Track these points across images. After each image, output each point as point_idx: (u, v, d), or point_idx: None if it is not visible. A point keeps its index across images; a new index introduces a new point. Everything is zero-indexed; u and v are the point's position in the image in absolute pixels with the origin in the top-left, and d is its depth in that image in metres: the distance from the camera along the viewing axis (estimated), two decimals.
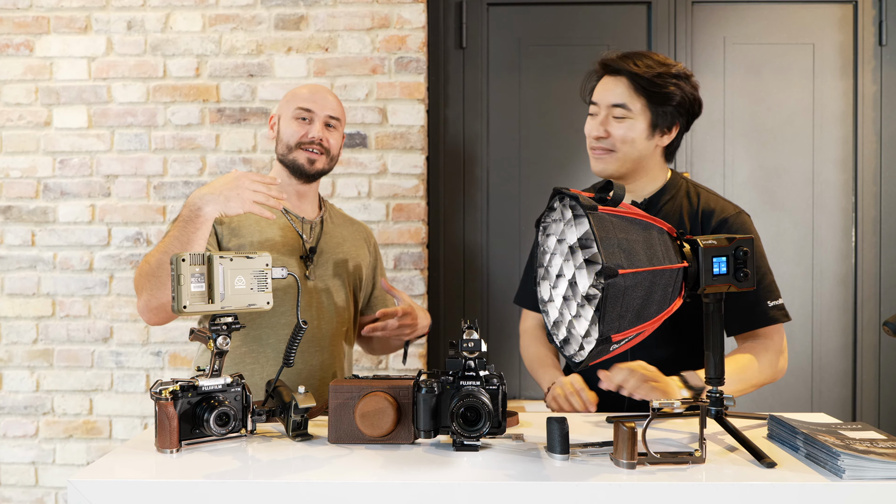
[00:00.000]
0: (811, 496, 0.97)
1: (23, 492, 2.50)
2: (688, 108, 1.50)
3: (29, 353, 2.50)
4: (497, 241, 2.60)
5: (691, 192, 1.55)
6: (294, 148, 1.67)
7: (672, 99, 1.47)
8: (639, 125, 1.47)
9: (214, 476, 1.01)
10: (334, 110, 1.70)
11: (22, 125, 2.51)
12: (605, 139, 1.49)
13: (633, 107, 1.47)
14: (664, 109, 1.47)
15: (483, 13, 2.60)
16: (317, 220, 1.73)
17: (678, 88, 1.46)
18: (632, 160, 1.50)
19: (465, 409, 1.10)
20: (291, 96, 1.71)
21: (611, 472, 1.02)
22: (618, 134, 1.48)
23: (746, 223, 1.50)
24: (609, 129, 1.48)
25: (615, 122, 1.48)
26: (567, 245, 1.14)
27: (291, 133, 1.67)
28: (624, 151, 1.48)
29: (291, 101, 1.69)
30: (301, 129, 1.67)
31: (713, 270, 1.14)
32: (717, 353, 1.20)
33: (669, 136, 1.51)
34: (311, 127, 1.67)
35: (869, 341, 2.56)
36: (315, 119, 1.67)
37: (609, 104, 1.49)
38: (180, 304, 1.14)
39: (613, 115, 1.48)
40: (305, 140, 1.66)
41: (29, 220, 2.51)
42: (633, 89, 1.47)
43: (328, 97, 1.70)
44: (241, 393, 1.21)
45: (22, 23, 2.50)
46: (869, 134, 2.55)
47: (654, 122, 1.48)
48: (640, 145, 1.48)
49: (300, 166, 1.67)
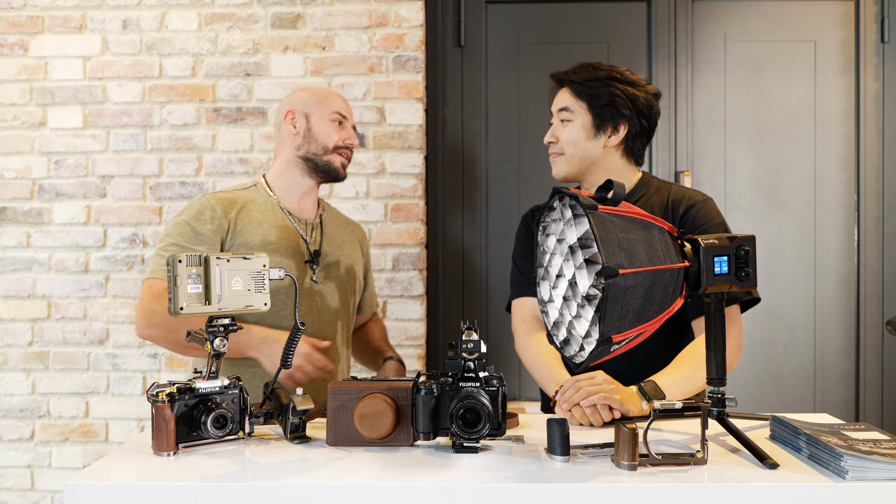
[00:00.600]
0: (814, 497, 0.96)
1: (18, 496, 2.49)
2: (630, 108, 1.57)
3: (24, 356, 2.49)
4: (496, 241, 2.59)
5: (662, 188, 1.63)
6: (331, 150, 1.67)
7: (611, 99, 1.56)
8: (580, 126, 1.58)
9: (212, 479, 1.01)
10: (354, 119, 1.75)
11: (16, 125, 2.50)
12: (554, 144, 1.62)
13: (575, 109, 1.59)
14: (604, 110, 1.57)
15: (482, 11, 2.59)
16: (316, 220, 1.73)
17: (616, 89, 1.57)
18: (580, 160, 1.59)
19: (464, 410, 1.10)
20: (322, 97, 1.70)
21: (612, 473, 1.02)
22: (563, 137, 1.60)
23: (712, 208, 1.57)
24: (556, 133, 1.61)
25: (561, 126, 1.61)
26: (567, 245, 1.13)
27: (330, 135, 1.67)
28: (570, 153, 1.59)
29: (325, 104, 1.69)
30: (340, 132, 1.68)
31: (714, 270, 1.13)
32: (718, 353, 1.19)
33: (618, 136, 1.59)
34: (347, 132, 1.70)
35: (872, 341, 2.55)
36: (347, 125, 1.71)
37: (557, 110, 1.62)
38: (177, 306, 1.13)
39: (560, 118, 1.61)
40: (342, 144, 1.68)
41: (24, 221, 2.50)
42: (574, 94, 1.59)
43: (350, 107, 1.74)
44: (238, 395, 1.20)
45: (16, 22, 2.49)
46: (871, 132, 2.54)
47: (595, 123, 1.58)
48: (585, 146, 1.58)
49: (335, 170, 1.69)
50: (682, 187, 1.63)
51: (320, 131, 1.67)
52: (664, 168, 2.57)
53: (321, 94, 1.71)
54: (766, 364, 2.57)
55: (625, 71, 1.59)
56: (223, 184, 2.46)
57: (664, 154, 2.57)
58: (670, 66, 2.56)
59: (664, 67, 2.56)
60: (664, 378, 1.39)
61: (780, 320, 2.57)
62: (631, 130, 1.59)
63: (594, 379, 1.33)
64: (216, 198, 1.63)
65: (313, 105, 1.69)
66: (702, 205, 1.56)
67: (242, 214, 1.62)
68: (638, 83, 1.59)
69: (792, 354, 2.57)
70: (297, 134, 1.68)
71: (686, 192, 1.60)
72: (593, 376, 1.34)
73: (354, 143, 1.71)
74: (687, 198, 1.58)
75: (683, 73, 2.56)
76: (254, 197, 1.68)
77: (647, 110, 1.59)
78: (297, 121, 1.69)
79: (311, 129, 1.68)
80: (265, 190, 1.70)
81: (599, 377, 1.34)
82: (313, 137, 1.67)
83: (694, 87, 2.57)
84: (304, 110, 1.69)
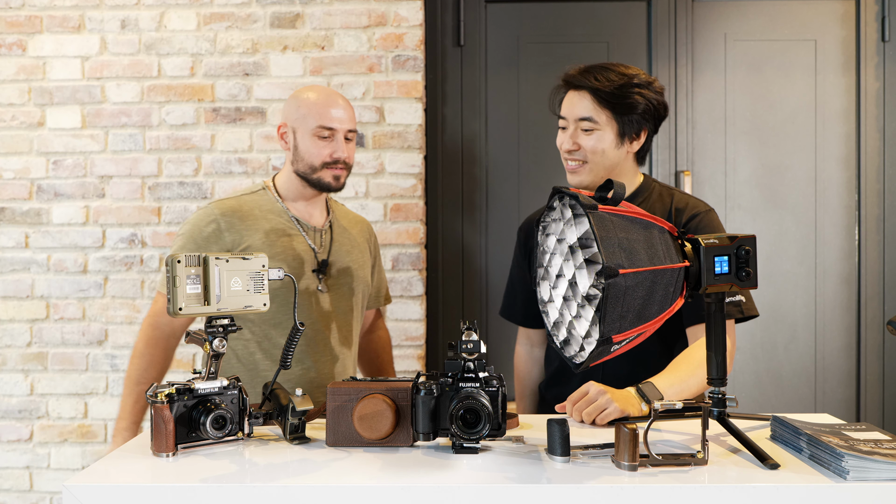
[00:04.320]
0: (815, 498, 0.96)
1: (17, 497, 2.48)
2: (653, 113, 1.55)
3: (23, 357, 2.48)
4: (496, 241, 2.59)
5: (664, 193, 1.60)
6: (319, 168, 1.61)
7: (636, 108, 1.52)
8: (607, 136, 1.52)
9: (211, 480, 1.00)
10: (352, 122, 1.64)
11: (15, 126, 2.49)
12: (576, 151, 1.54)
13: (599, 119, 1.52)
14: (630, 118, 1.52)
15: (481, 10, 2.58)
16: (325, 226, 1.70)
17: (641, 97, 1.52)
18: (604, 169, 1.54)
19: (464, 411, 1.09)
20: (308, 109, 1.61)
21: (612, 474, 1.01)
22: (588, 145, 1.52)
23: (714, 220, 1.55)
24: (579, 141, 1.53)
25: (584, 134, 1.53)
26: (567, 245, 1.13)
27: (315, 154, 1.60)
28: (595, 161, 1.53)
29: (309, 117, 1.60)
30: (325, 148, 1.60)
31: (715, 270, 1.13)
32: (718, 353, 1.19)
33: (639, 142, 1.56)
34: (335, 145, 1.61)
35: (873, 340, 2.55)
36: (337, 136, 1.61)
37: (576, 118, 1.54)
38: (176, 307, 1.12)
39: (581, 128, 1.53)
40: (330, 160, 1.61)
41: (22, 221, 2.49)
42: (597, 102, 1.52)
43: (346, 110, 1.64)
44: (237, 396, 1.20)
45: (14, 22, 2.48)
46: (872, 131, 2.54)
47: (621, 132, 1.53)
48: (611, 154, 1.53)
49: (327, 185, 1.63)
50: (684, 194, 1.61)
51: (305, 150, 1.61)
52: (664, 168, 2.57)
53: (308, 105, 1.61)
54: (767, 364, 2.57)
55: (640, 72, 1.54)
56: (222, 184, 2.46)
57: (664, 154, 2.57)
58: (670, 66, 2.55)
59: (664, 67, 2.55)
60: (660, 381, 1.38)
61: (781, 320, 2.57)
62: (650, 135, 1.57)
63: (588, 396, 1.32)
64: (221, 208, 1.60)
65: (299, 120, 1.62)
66: (705, 216, 1.54)
67: (249, 224, 1.60)
68: (653, 85, 1.54)
69: (792, 354, 2.57)
70: (290, 149, 1.64)
71: (689, 200, 1.58)
72: (586, 392, 1.33)
73: (342, 157, 1.61)
74: (691, 206, 1.56)
75: (683, 72, 2.56)
76: (261, 203, 1.64)
77: (663, 112, 1.57)
78: (288, 136, 1.64)
79: (297, 147, 1.62)
80: (274, 195, 1.66)
81: (593, 391, 1.32)
82: (300, 156, 1.62)
83: (694, 87, 2.57)
84: (292, 125, 1.63)
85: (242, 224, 1.59)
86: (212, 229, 1.57)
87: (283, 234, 1.61)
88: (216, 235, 1.57)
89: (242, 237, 1.58)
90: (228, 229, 1.58)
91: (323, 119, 1.60)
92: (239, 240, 1.57)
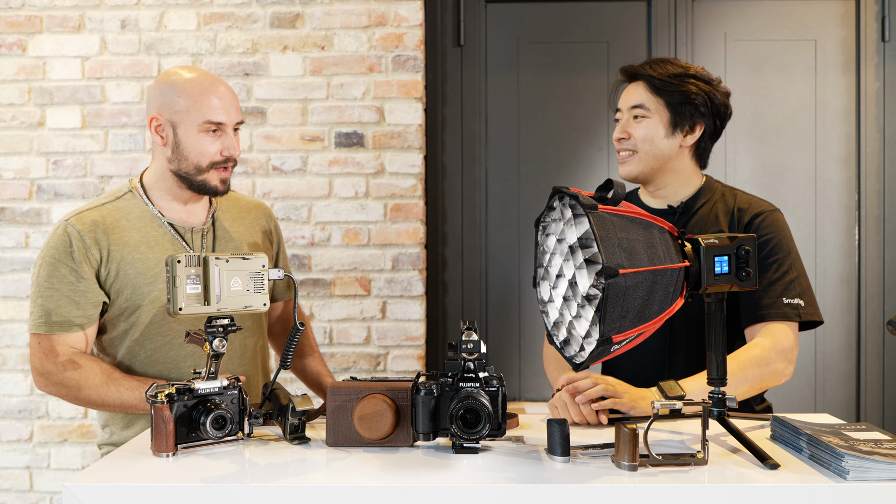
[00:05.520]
0: (815, 498, 0.96)
1: (17, 497, 2.48)
2: (710, 107, 1.53)
3: (23, 357, 2.48)
4: (496, 242, 2.59)
5: (727, 194, 1.59)
6: (206, 169, 1.44)
7: (689, 96, 1.51)
8: (658, 125, 1.52)
9: (211, 480, 1.00)
10: (239, 112, 1.48)
11: (15, 126, 2.49)
12: (626, 140, 1.54)
13: (651, 106, 1.52)
14: (682, 108, 1.51)
15: (481, 10, 2.58)
16: (207, 225, 1.53)
17: (697, 87, 1.51)
18: (654, 159, 1.53)
19: (464, 411, 1.09)
20: (190, 101, 1.41)
21: (612, 474, 1.01)
22: (638, 134, 1.52)
23: (779, 220, 1.52)
24: (629, 129, 1.53)
25: (634, 122, 1.53)
26: (567, 245, 1.13)
27: (202, 152, 1.42)
28: (645, 151, 1.52)
29: (193, 110, 1.41)
30: (212, 145, 1.43)
31: (715, 270, 1.13)
32: (718, 353, 1.19)
33: (693, 136, 1.54)
34: (224, 141, 1.44)
35: (873, 340, 2.55)
36: (227, 130, 1.44)
37: (629, 106, 1.54)
38: (176, 307, 1.12)
39: (633, 115, 1.53)
40: (221, 159, 1.44)
41: (22, 221, 2.49)
42: (651, 90, 1.52)
43: (233, 99, 1.46)
44: (237, 396, 1.20)
45: (14, 22, 2.48)
46: (872, 131, 2.54)
47: (673, 121, 1.52)
48: (661, 144, 1.52)
49: (213, 188, 1.46)
50: (748, 195, 1.59)
51: (190, 147, 1.42)
52: None
53: (189, 95, 1.41)
54: None
55: (700, 69, 1.54)
56: None
57: None
58: None
59: None
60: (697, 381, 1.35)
61: None
62: (706, 131, 1.55)
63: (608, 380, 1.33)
64: (81, 224, 1.41)
65: (181, 113, 1.41)
66: (769, 215, 1.52)
67: (115, 238, 1.43)
68: (713, 81, 1.54)
69: None
70: (166, 146, 1.44)
71: (753, 200, 1.56)
72: (606, 378, 1.34)
73: (235, 155, 1.45)
74: (755, 206, 1.54)
75: None
76: (127, 210, 1.47)
77: (723, 110, 1.55)
78: (164, 129, 1.43)
79: (179, 144, 1.42)
80: (141, 198, 1.48)
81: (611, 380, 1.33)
82: (183, 155, 1.43)
83: None
84: (171, 118, 1.42)
85: (107, 238, 1.42)
86: (76, 248, 1.40)
87: (155, 244, 1.45)
88: (82, 254, 1.40)
89: (110, 254, 1.42)
90: (94, 245, 1.41)
91: (210, 112, 1.41)
92: (107, 257, 1.41)
